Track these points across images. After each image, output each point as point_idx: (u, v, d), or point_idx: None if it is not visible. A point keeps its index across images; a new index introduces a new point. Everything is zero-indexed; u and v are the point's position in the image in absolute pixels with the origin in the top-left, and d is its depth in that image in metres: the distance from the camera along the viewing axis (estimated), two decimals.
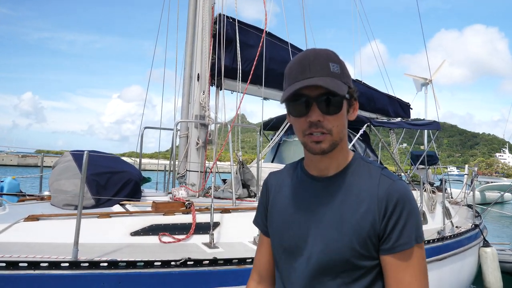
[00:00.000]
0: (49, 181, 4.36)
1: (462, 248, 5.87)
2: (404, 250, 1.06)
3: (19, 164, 39.79)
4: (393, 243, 1.06)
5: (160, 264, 3.11)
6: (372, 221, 1.07)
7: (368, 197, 1.08)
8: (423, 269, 1.09)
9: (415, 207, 1.09)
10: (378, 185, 1.09)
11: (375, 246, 1.08)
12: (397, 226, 1.05)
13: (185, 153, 5.12)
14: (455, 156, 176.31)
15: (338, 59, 1.09)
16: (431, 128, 7.39)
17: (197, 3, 5.16)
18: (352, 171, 1.14)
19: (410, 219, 1.06)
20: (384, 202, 1.06)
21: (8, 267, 2.71)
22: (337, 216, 1.10)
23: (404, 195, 1.07)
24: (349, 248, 1.08)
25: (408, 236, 1.05)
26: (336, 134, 1.08)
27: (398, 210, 1.06)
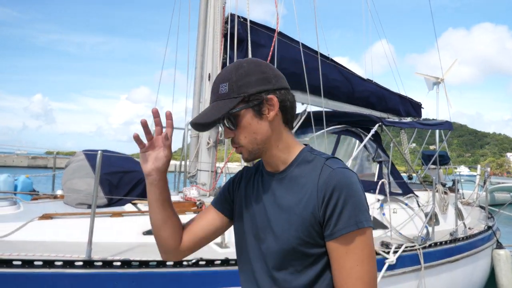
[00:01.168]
0: (62, 180, 4.40)
1: (475, 250, 5.80)
2: (343, 235, 1.08)
3: (29, 166, 40.26)
4: (331, 229, 1.09)
5: (172, 264, 3.12)
6: (313, 210, 1.11)
7: (311, 187, 1.13)
8: (366, 255, 1.09)
9: (355, 193, 1.09)
10: (319, 174, 1.13)
11: (319, 234, 1.12)
12: (335, 212, 1.08)
13: (195, 153, 5.14)
14: (465, 156, 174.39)
15: (229, 76, 1.16)
16: (443, 128, 7.31)
17: (208, 3, 5.17)
18: (298, 164, 1.20)
19: (347, 204, 1.08)
20: (323, 190, 1.10)
21: (24, 265, 2.74)
22: (286, 207, 1.16)
23: (341, 181, 1.09)
24: (296, 237, 1.13)
25: (346, 222, 1.07)
26: (248, 144, 1.17)
27: (335, 196, 1.08)
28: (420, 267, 4.58)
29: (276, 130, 1.19)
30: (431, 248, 4.84)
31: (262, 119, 1.16)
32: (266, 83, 1.17)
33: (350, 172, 1.13)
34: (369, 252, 1.10)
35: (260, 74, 1.17)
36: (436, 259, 4.91)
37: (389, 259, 4.23)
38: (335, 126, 5.99)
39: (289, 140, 1.23)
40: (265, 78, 1.17)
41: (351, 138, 5.90)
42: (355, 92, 6.86)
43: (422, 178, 7.10)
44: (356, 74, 7.08)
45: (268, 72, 1.19)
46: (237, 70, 1.17)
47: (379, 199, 5.09)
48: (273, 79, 1.19)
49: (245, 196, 1.31)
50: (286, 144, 1.21)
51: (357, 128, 5.91)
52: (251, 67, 1.18)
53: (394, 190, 5.53)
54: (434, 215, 5.27)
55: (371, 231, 1.11)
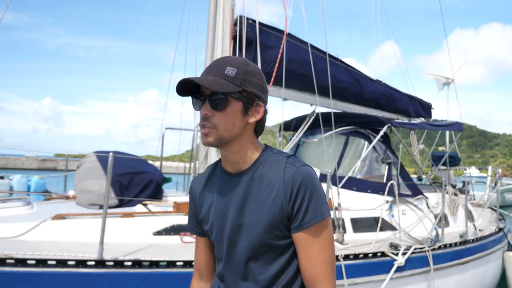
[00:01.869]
0: (74, 181, 4.48)
1: (486, 252, 5.75)
2: (310, 226, 1.19)
3: (38, 168, 40.77)
4: (300, 222, 1.20)
5: (182, 264, 3.17)
6: (281, 205, 1.20)
7: (277, 184, 1.21)
8: (328, 241, 1.23)
9: (317, 187, 1.21)
10: (284, 172, 1.21)
11: (286, 226, 1.22)
12: (302, 206, 1.19)
13: (205, 154, 5.18)
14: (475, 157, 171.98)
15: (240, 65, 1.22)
16: (453, 129, 7.25)
17: (217, 5, 5.20)
18: (262, 163, 1.27)
19: (313, 198, 1.19)
20: (290, 187, 1.19)
21: (38, 265, 2.81)
22: (254, 205, 1.23)
23: (305, 178, 1.19)
24: (265, 232, 1.21)
25: (313, 214, 1.19)
26: (222, 130, 1.20)
27: (301, 192, 1.18)
28: (429, 269, 4.57)
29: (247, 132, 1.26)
30: (441, 250, 4.82)
31: (244, 118, 1.23)
32: (262, 92, 1.26)
33: (310, 169, 1.24)
34: (330, 238, 1.24)
35: (261, 81, 1.27)
36: (446, 261, 4.89)
37: (397, 260, 4.22)
38: (344, 127, 5.99)
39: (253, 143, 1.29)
40: (262, 88, 1.27)
41: (360, 139, 5.89)
42: (364, 93, 6.84)
43: (432, 179, 7.06)
44: (365, 75, 7.06)
45: (265, 84, 1.29)
46: (247, 65, 1.24)
47: (388, 201, 5.09)
48: (266, 92, 1.30)
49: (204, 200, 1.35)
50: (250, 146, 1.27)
51: (366, 129, 5.90)
52: (257, 71, 1.26)
53: (404, 191, 5.51)
54: (443, 216, 5.24)
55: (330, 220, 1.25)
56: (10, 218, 3.63)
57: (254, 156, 1.28)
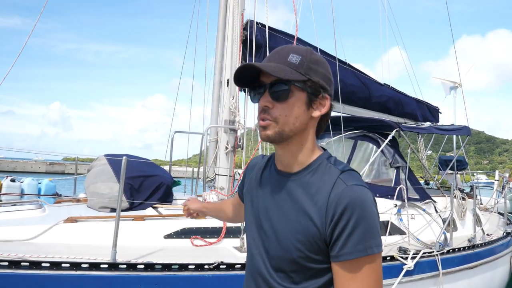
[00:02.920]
0: (85, 184, 4.52)
1: (494, 257, 5.73)
2: (350, 260, 1.01)
3: (47, 171, 41.29)
4: (338, 251, 1.02)
5: (194, 267, 3.19)
6: (320, 225, 1.04)
7: (321, 200, 1.05)
8: (373, 282, 1.01)
9: (368, 215, 1.01)
10: (332, 188, 1.05)
11: (323, 251, 1.05)
12: (343, 233, 1.00)
13: (214, 158, 5.21)
14: (483, 163, 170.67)
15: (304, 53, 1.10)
16: (460, 133, 7.25)
17: (227, 10, 5.25)
18: (313, 170, 1.12)
19: (358, 227, 1.00)
20: (333, 207, 1.02)
21: (52, 267, 2.84)
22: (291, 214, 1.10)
23: (355, 201, 1.01)
24: (294, 248, 1.07)
25: (354, 246, 1.00)
26: (283, 123, 1.09)
27: (345, 216, 1.00)
28: (438, 273, 4.56)
29: (309, 130, 1.14)
30: (449, 254, 4.81)
31: (308, 111, 1.11)
32: (328, 84, 1.14)
33: (365, 191, 1.05)
34: (376, 279, 1.03)
35: (327, 72, 1.14)
36: (454, 265, 4.88)
37: (407, 264, 4.22)
38: (352, 131, 6.00)
39: (313, 144, 1.17)
40: (329, 78, 1.15)
41: (368, 144, 5.89)
42: (372, 97, 6.85)
43: (440, 183, 7.05)
44: (372, 79, 7.07)
45: (331, 75, 1.17)
46: (312, 53, 1.12)
47: (396, 205, 5.09)
48: (332, 84, 1.17)
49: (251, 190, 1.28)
50: (310, 146, 1.15)
51: (374, 133, 5.91)
52: (322, 61, 1.14)
53: (412, 195, 5.51)
54: (452, 221, 5.24)
55: (380, 257, 1.04)
56: (23, 221, 3.67)
57: (308, 159, 1.14)
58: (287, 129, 1.10)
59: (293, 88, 1.08)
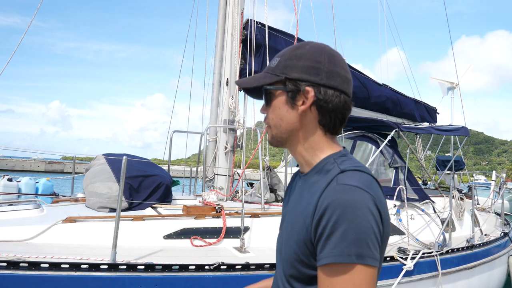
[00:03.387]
0: (83, 184, 4.48)
1: (492, 257, 5.75)
2: (325, 265, 0.91)
3: (45, 170, 41.32)
4: (318, 254, 0.93)
5: (194, 268, 3.17)
6: (308, 226, 0.97)
7: (314, 200, 0.98)
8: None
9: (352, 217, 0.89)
10: (325, 188, 0.97)
11: (312, 253, 0.97)
12: (322, 235, 0.91)
13: (213, 158, 5.18)
14: (482, 164, 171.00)
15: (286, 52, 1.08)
16: (459, 133, 7.26)
17: (227, 9, 5.22)
18: (319, 170, 1.06)
19: (336, 229, 0.89)
20: (319, 206, 0.94)
21: (51, 268, 2.81)
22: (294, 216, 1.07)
23: (338, 201, 0.91)
24: (293, 251, 1.02)
25: (330, 250, 0.89)
26: (273, 127, 1.10)
27: (325, 217, 0.91)
28: (437, 273, 4.56)
29: (306, 127, 1.07)
30: (448, 255, 4.82)
31: (293, 109, 1.06)
32: (312, 74, 1.04)
33: (358, 192, 0.92)
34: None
35: (313, 62, 1.05)
36: (453, 265, 4.89)
37: (406, 265, 4.22)
38: (351, 131, 6.00)
39: (319, 142, 1.08)
40: (314, 68, 1.04)
41: (367, 144, 5.89)
42: (371, 97, 6.85)
43: (438, 184, 7.06)
44: (372, 79, 7.08)
45: (324, 64, 1.05)
46: (296, 49, 1.08)
47: (396, 205, 5.09)
48: (324, 73, 1.04)
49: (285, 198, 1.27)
50: (312, 145, 1.08)
51: (374, 134, 5.91)
52: (310, 52, 1.06)
53: (410, 196, 5.51)
54: (450, 221, 5.24)
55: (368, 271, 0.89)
56: (21, 221, 3.63)
57: (315, 159, 1.09)
58: (277, 131, 1.10)
59: (271, 91, 1.08)
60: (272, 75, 1.07)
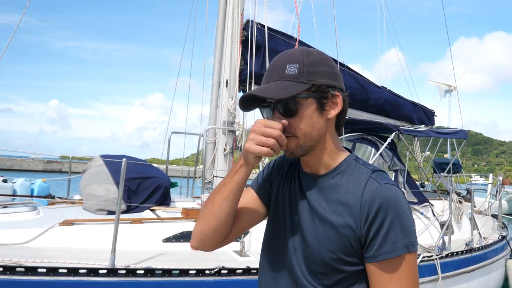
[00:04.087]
0: (80, 185, 4.41)
1: (490, 260, 5.75)
2: (387, 259, 1.00)
3: (44, 170, 41.16)
4: (375, 251, 1.01)
5: (194, 273, 3.11)
6: (354, 226, 1.02)
7: (353, 200, 1.04)
8: (412, 281, 1.01)
9: (403, 213, 1.01)
10: (364, 188, 1.04)
11: (357, 251, 1.04)
12: (380, 233, 0.99)
13: (212, 159, 5.13)
14: (481, 165, 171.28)
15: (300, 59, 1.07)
16: (458, 136, 7.27)
17: (227, 9, 5.18)
18: (342, 171, 1.10)
19: (394, 225, 0.99)
20: (367, 206, 1.01)
21: (49, 273, 2.74)
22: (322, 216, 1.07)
23: (389, 200, 1.00)
24: (330, 250, 1.05)
25: (392, 244, 0.99)
26: (302, 136, 1.07)
27: (381, 215, 0.99)
28: (437, 277, 4.54)
29: (330, 132, 1.12)
30: (448, 258, 4.80)
31: (322, 115, 1.08)
32: (334, 79, 1.09)
33: (397, 190, 1.04)
34: (414, 278, 1.02)
35: (330, 67, 1.10)
36: (453, 269, 4.87)
37: None
38: (351, 134, 5.97)
39: (336, 144, 1.14)
40: (333, 73, 1.10)
41: (367, 146, 5.87)
42: (370, 99, 6.84)
43: (437, 186, 7.06)
44: (370, 81, 7.06)
45: (335, 68, 1.12)
46: (308, 55, 1.08)
47: None
48: (339, 77, 1.12)
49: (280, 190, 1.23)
50: (333, 148, 1.13)
51: (373, 136, 5.88)
52: (321, 57, 1.09)
53: (409, 199, 5.49)
54: (450, 225, 5.23)
55: (415, 256, 1.03)
56: (17, 224, 3.56)
57: (335, 162, 1.13)
58: (307, 140, 1.08)
59: (299, 100, 1.06)
60: (299, 83, 1.04)
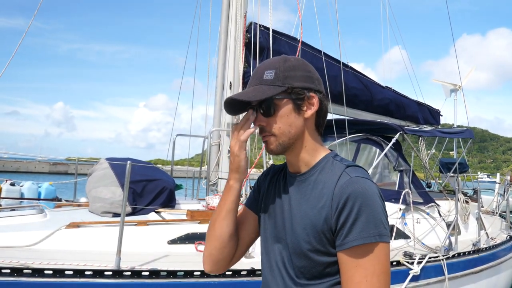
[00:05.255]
0: (86, 188, 4.45)
1: (498, 261, 5.69)
2: (354, 247, 1.04)
3: (50, 172, 41.39)
4: (342, 239, 1.06)
5: (199, 274, 3.13)
6: (326, 216, 1.09)
7: (327, 194, 1.10)
8: (378, 271, 1.04)
9: (371, 203, 1.05)
10: (337, 181, 1.10)
11: (330, 241, 1.09)
12: (348, 221, 1.05)
13: (216, 161, 5.15)
14: (487, 162, 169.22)
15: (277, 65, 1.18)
16: (463, 136, 7.23)
17: (230, 12, 5.20)
18: (320, 168, 1.18)
19: (361, 215, 1.04)
20: (337, 198, 1.07)
21: (55, 275, 2.78)
22: (302, 211, 1.15)
23: (357, 191, 1.06)
24: (304, 241, 1.12)
25: (358, 233, 1.04)
26: (281, 135, 1.17)
27: (349, 205, 1.05)
28: (444, 278, 4.51)
29: (308, 130, 1.21)
30: (455, 259, 4.77)
31: (300, 115, 1.18)
32: (310, 82, 1.19)
33: (368, 182, 1.10)
34: (381, 269, 1.04)
35: (306, 72, 1.20)
36: (460, 269, 4.83)
37: (413, 269, 4.17)
38: (355, 134, 5.96)
39: (316, 143, 1.23)
40: (309, 77, 1.19)
41: (371, 147, 5.85)
42: (374, 99, 6.82)
43: (443, 186, 7.01)
44: (375, 82, 7.05)
45: (312, 72, 1.22)
46: (285, 62, 1.19)
47: (401, 209, 5.04)
48: (316, 80, 1.21)
49: (267, 194, 1.31)
50: (312, 146, 1.21)
51: (378, 137, 5.87)
52: (298, 63, 1.20)
53: (415, 199, 5.46)
54: (457, 225, 5.19)
55: (386, 246, 1.06)
56: (24, 226, 3.60)
57: (314, 159, 1.21)
58: (285, 138, 1.17)
59: (276, 102, 1.16)
60: (275, 87, 1.15)
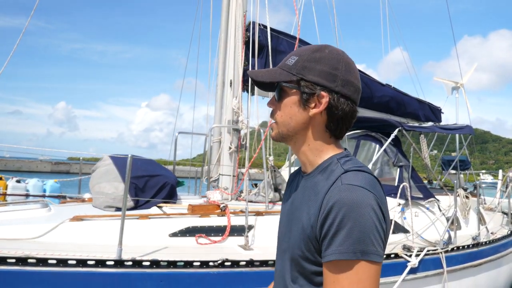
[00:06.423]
0: (90, 184, 4.55)
1: (498, 255, 5.72)
2: (331, 262, 0.95)
3: (52, 171, 41.57)
4: (324, 251, 0.98)
5: (199, 265, 3.21)
6: (312, 223, 1.01)
7: (319, 199, 1.02)
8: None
9: (358, 216, 0.93)
10: (330, 187, 1.01)
11: (317, 250, 1.02)
12: (329, 232, 0.96)
13: (217, 158, 5.24)
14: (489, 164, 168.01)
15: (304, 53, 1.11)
16: (463, 132, 7.26)
17: (230, 11, 5.29)
18: (322, 170, 1.10)
19: (343, 228, 0.93)
20: (324, 205, 0.99)
21: (58, 264, 2.87)
22: (299, 214, 1.10)
23: (341, 200, 0.95)
24: (298, 248, 1.06)
25: (336, 247, 0.94)
26: (281, 124, 1.13)
27: (332, 215, 0.95)
28: (442, 271, 4.56)
29: (314, 129, 1.12)
30: (454, 252, 4.81)
31: (304, 110, 1.09)
32: (329, 80, 1.08)
33: (362, 192, 0.96)
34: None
35: (331, 68, 1.09)
36: (459, 263, 4.88)
37: (411, 262, 4.22)
38: (355, 131, 6.02)
39: (324, 144, 1.13)
40: (331, 75, 1.08)
41: (371, 143, 5.91)
42: (374, 97, 6.87)
43: (443, 183, 7.05)
44: (375, 80, 7.10)
45: (341, 72, 1.09)
46: (314, 52, 1.11)
47: (400, 203, 5.09)
48: (340, 81, 1.08)
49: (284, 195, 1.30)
50: (317, 146, 1.13)
51: (377, 133, 5.93)
52: (328, 57, 1.10)
53: (415, 194, 5.51)
54: (456, 219, 5.23)
55: (372, 267, 0.93)
56: (29, 220, 3.70)
57: (318, 160, 1.13)
58: (284, 129, 1.13)
59: (285, 89, 1.11)
60: (288, 73, 1.10)
